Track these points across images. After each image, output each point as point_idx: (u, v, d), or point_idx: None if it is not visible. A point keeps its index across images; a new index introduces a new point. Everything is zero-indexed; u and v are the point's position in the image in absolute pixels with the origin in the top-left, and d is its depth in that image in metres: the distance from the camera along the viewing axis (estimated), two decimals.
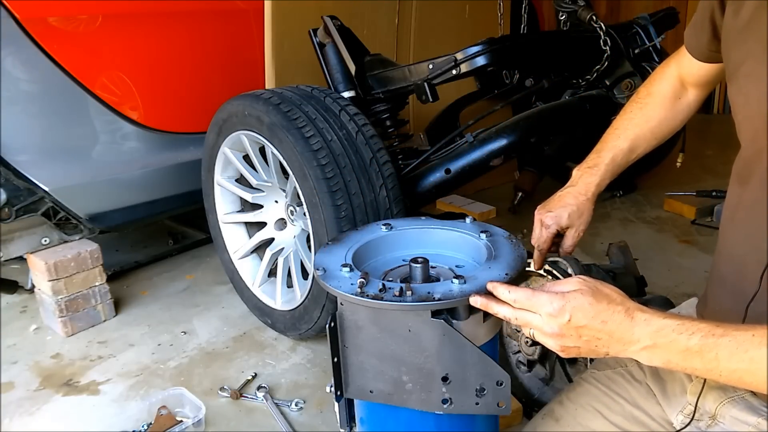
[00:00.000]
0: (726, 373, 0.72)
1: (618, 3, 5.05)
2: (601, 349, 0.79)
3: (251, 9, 2.54)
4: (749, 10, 0.86)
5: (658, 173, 3.39)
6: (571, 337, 0.78)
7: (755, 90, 0.85)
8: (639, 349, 0.76)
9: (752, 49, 0.85)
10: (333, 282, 0.90)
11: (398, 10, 2.90)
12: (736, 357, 0.71)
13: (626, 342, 0.77)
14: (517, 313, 0.81)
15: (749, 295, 0.86)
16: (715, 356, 0.72)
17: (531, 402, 1.69)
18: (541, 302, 0.79)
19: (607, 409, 1.04)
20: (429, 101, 2.08)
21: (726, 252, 0.95)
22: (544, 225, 1.20)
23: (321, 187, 1.75)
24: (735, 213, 0.93)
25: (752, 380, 0.71)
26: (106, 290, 2.34)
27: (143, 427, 1.74)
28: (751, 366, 0.70)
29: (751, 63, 0.86)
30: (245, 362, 2.07)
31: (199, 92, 2.51)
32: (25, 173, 2.15)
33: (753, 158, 0.87)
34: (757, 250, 0.86)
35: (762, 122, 0.84)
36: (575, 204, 1.19)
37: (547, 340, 0.80)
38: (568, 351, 0.80)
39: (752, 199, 0.88)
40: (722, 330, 0.72)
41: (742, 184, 0.91)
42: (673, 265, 2.64)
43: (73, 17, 2.18)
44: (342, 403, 0.98)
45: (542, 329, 0.80)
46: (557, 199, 1.22)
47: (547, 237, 1.20)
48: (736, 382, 0.73)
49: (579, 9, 2.43)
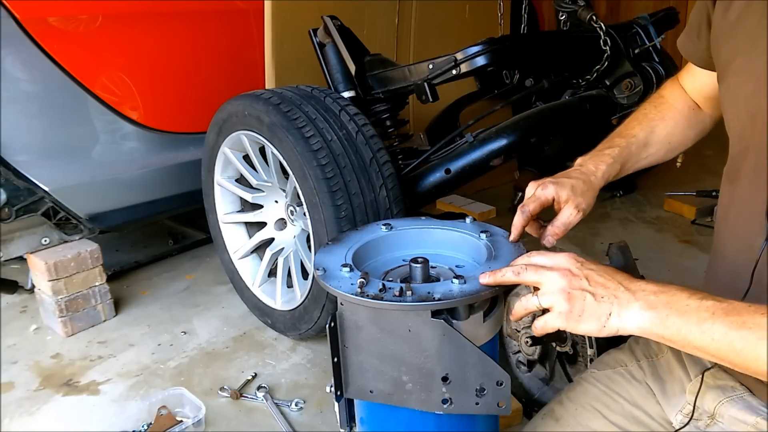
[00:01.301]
0: (719, 336, 0.70)
1: (618, 3, 5.05)
2: (606, 303, 0.76)
3: (251, 9, 2.54)
4: (738, 8, 0.86)
5: (658, 173, 3.39)
6: (581, 282, 0.77)
7: (742, 88, 0.85)
8: (643, 304, 0.75)
9: (740, 47, 0.86)
10: (333, 282, 0.90)
11: (398, 10, 2.91)
12: (730, 319, 0.70)
13: (633, 291, 0.76)
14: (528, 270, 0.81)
15: (742, 293, 0.87)
16: (711, 315, 0.71)
17: (531, 402, 1.69)
18: (556, 254, 0.81)
19: (607, 409, 1.04)
20: (429, 101, 2.08)
21: (720, 250, 0.95)
22: (542, 184, 1.00)
23: (321, 187, 1.75)
24: (728, 212, 0.93)
25: (743, 346, 0.69)
26: (106, 290, 2.34)
27: (143, 427, 1.74)
28: (742, 330, 0.69)
29: (739, 61, 0.86)
30: (245, 362, 2.07)
31: (199, 92, 2.51)
32: (25, 173, 2.15)
33: (740, 156, 0.88)
34: (748, 247, 0.86)
35: (748, 120, 0.84)
36: (582, 179, 1.02)
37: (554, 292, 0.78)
38: (572, 301, 0.77)
39: (742, 196, 0.88)
40: (722, 299, 0.73)
41: (732, 182, 0.91)
42: (673, 265, 2.64)
43: (73, 17, 2.18)
44: (342, 403, 0.98)
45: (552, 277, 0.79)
46: (560, 175, 1.05)
47: (538, 200, 0.99)
48: (726, 351, 0.71)
49: (579, 9, 2.44)
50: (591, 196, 1.02)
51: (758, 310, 0.69)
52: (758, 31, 0.83)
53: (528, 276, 0.81)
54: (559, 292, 0.78)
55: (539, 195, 0.99)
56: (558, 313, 0.78)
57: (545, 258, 0.82)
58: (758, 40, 0.82)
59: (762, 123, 0.82)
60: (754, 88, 0.83)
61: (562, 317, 0.78)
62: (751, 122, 0.84)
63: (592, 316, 0.76)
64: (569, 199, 0.99)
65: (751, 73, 0.83)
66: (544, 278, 0.80)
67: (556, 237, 1.00)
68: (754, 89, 0.83)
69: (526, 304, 0.81)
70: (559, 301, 0.78)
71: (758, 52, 0.82)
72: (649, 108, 1.16)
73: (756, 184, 0.85)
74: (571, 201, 0.99)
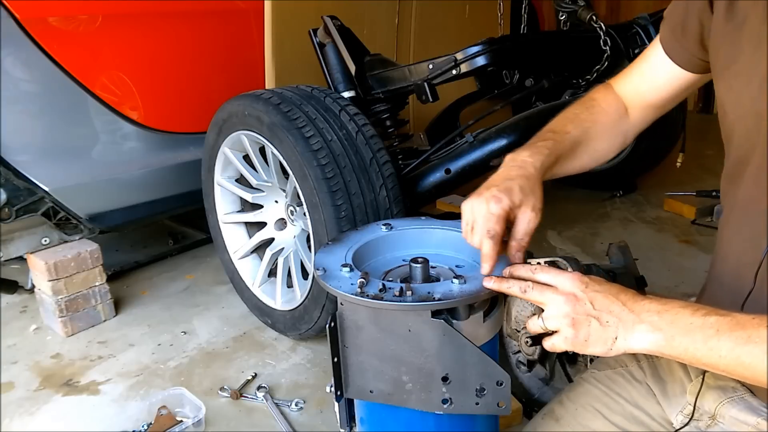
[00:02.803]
0: (725, 352, 0.71)
1: (618, 3, 5.06)
2: (611, 327, 0.78)
3: (251, 9, 2.54)
4: (740, 9, 0.85)
5: (658, 173, 3.39)
6: (585, 306, 0.79)
7: (747, 89, 0.85)
8: (648, 327, 0.76)
9: (743, 48, 0.85)
10: (333, 282, 0.90)
11: (398, 10, 2.90)
12: (736, 334, 0.71)
13: (638, 312, 0.77)
14: (534, 288, 0.82)
15: (745, 294, 0.86)
16: (716, 332, 0.72)
17: (531, 402, 1.69)
18: (561, 274, 0.82)
19: (607, 409, 1.04)
20: (429, 101, 2.08)
21: (722, 251, 0.95)
22: (494, 198, 0.86)
23: (321, 187, 1.75)
24: (731, 212, 0.93)
25: (751, 361, 0.70)
26: (106, 290, 2.34)
27: (143, 427, 1.74)
28: (748, 345, 0.70)
29: (742, 62, 0.86)
30: (245, 362, 2.07)
31: (199, 92, 2.51)
32: (25, 173, 2.15)
33: (745, 157, 0.87)
34: (752, 248, 0.86)
35: (754, 121, 0.84)
36: (522, 176, 0.91)
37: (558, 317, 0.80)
38: (577, 327, 0.79)
39: (746, 197, 0.88)
40: (725, 312, 0.74)
41: (735, 183, 0.91)
42: (673, 265, 2.64)
43: (73, 17, 2.18)
44: (342, 403, 0.98)
45: (557, 302, 0.80)
46: (497, 176, 0.92)
47: (498, 215, 0.86)
48: (735, 366, 0.72)
49: (579, 9, 2.43)
50: (539, 190, 0.91)
51: (762, 323, 0.70)
52: (762, 32, 0.82)
53: (533, 295, 0.82)
54: (563, 317, 0.80)
55: (496, 212, 0.86)
56: (564, 338, 0.81)
57: (551, 276, 0.83)
58: (762, 41, 0.82)
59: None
60: (758, 89, 0.83)
61: (568, 342, 0.80)
62: (757, 123, 0.84)
63: (599, 340, 0.79)
64: (522, 203, 0.89)
65: (755, 74, 0.83)
66: (548, 300, 0.81)
67: (523, 250, 0.90)
68: (759, 90, 0.83)
69: (531, 326, 0.84)
70: (564, 327, 0.80)
71: (761, 54, 0.82)
72: (580, 109, 1.08)
73: (761, 186, 0.84)
74: (524, 205, 0.89)
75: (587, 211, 3.24)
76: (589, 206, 3.30)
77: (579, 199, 3.38)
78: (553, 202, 3.35)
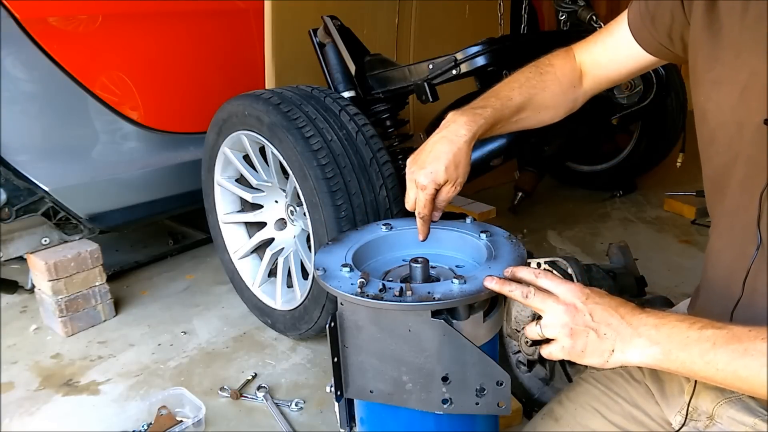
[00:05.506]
0: (722, 366, 0.72)
1: (618, 3, 5.05)
2: (608, 340, 0.79)
3: (251, 9, 2.54)
4: (719, 17, 0.85)
5: (658, 173, 3.39)
6: (584, 318, 0.80)
7: (727, 98, 0.84)
8: (645, 341, 0.77)
9: (722, 55, 0.85)
10: (333, 282, 0.90)
11: (398, 10, 2.90)
12: (732, 347, 0.72)
13: (635, 326, 0.78)
14: (536, 295, 0.83)
15: (734, 301, 0.88)
16: (713, 346, 0.73)
17: (531, 402, 1.69)
18: (563, 284, 0.82)
19: (606, 409, 1.04)
20: (429, 101, 2.08)
21: (712, 258, 0.96)
22: (420, 186, 1.01)
23: (321, 187, 1.75)
24: (719, 221, 0.93)
25: (748, 374, 0.71)
26: (106, 290, 2.34)
27: (143, 427, 1.74)
28: (745, 358, 0.71)
29: (720, 69, 0.85)
30: (245, 362, 2.07)
31: (199, 92, 2.51)
32: (25, 173, 2.15)
33: (728, 165, 0.87)
34: (740, 256, 0.87)
35: (736, 129, 0.84)
36: (450, 152, 1.00)
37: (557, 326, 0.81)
38: (575, 338, 0.80)
39: (732, 206, 0.88)
40: (721, 324, 0.75)
41: (720, 191, 0.91)
42: (673, 265, 2.64)
43: (73, 17, 2.18)
44: (342, 403, 0.98)
45: (556, 311, 0.81)
46: (428, 151, 1.03)
47: (426, 200, 1.02)
48: (732, 379, 0.73)
49: (579, 9, 2.44)
50: (465, 163, 1.02)
51: (758, 335, 0.71)
52: (741, 40, 0.82)
53: (534, 302, 0.83)
54: (561, 327, 0.81)
55: (423, 198, 1.02)
56: (561, 347, 0.82)
57: (553, 284, 0.83)
58: (742, 49, 0.82)
59: (750, 132, 0.82)
60: (739, 98, 0.83)
61: (565, 351, 0.81)
62: (739, 132, 0.84)
63: (595, 352, 0.80)
64: (446, 181, 1.01)
65: (735, 82, 0.83)
66: (548, 308, 0.82)
67: (440, 212, 1.06)
68: (739, 99, 0.83)
69: (529, 333, 0.85)
70: (561, 337, 0.81)
71: (741, 61, 0.82)
72: (534, 73, 1.12)
73: (747, 194, 0.85)
74: (448, 183, 1.02)
75: (587, 211, 3.24)
76: (589, 206, 3.30)
77: (579, 199, 3.38)
78: (553, 202, 3.37)
